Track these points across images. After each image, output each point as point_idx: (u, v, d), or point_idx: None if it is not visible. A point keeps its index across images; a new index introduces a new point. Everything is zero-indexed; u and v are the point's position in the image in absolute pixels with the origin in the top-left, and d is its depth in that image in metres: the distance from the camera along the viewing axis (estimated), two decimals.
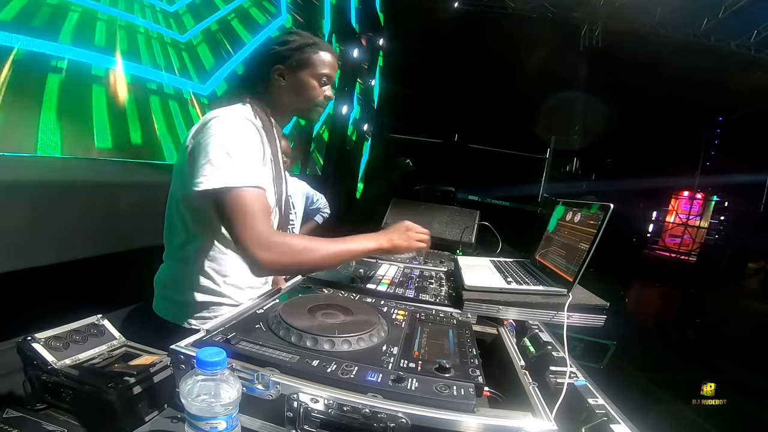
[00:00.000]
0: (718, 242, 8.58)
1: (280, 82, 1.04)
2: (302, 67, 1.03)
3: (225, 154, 0.87)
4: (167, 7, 2.04)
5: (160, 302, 1.05)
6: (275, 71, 1.03)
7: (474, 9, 6.74)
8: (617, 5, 6.36)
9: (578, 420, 0.65)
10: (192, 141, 0.94)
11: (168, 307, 1.04)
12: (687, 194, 9.93)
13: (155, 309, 1.06)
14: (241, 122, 0.94)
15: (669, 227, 9.99)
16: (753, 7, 5.83)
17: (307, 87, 1.05)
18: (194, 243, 1.01)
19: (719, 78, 6.76)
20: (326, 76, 1.06)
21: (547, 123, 6.52)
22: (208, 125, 0.91)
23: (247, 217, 0.84)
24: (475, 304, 0.93)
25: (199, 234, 1.00)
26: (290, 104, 1.07)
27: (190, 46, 2.22)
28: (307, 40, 1.04)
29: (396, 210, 2.03)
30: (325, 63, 1.05)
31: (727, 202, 9.15)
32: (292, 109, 1.10)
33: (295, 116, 1.15)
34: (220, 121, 0.92)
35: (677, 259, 9.00)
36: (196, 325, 1.00)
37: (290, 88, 1.05)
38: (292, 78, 1.04)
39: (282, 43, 1.03)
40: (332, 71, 1.07)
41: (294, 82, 1.04)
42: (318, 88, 1.06)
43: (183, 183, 0.97)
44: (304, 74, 1.04)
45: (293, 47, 1.03)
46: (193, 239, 1.01)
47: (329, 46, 1.08)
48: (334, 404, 0.54)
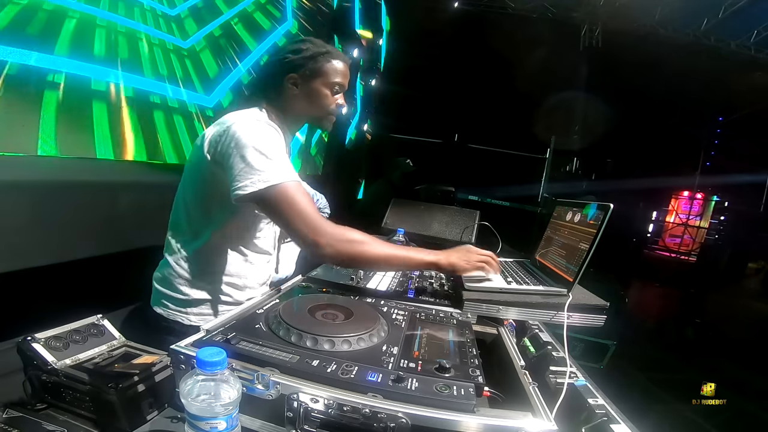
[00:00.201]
0: (718, 242, 8.57)
1: (293, 91, 1.06)
2: (315, 76, 1.05)
3: (261, 155, 0.89)
4: (168, 11, 2.02)
5: (158, 298, 1.06)
6: (288, 80, 1.05)
7: (474, 9, 6.73)
8: (617, 5, 6.35)
9: (578, 420, 0.65)
10: (215, 147, 0.95)
11: (165, 303, 1.05)
12: (687, 194, 9.93)
13: (153, 305, 1.07)
14: (264, 124, 0.97)
15: (669, 227, 9.99)
16: (753, 7, 5.83)
17: (320, 95, 1.06)
18: (198, 241, 1.02)
19: (719, 78, 6.75)
20: (338, 85, 1.07)
21: (547, 123, 6.52)
22: (231, 131, 0.93)
23: (299, 207, 0.88)
24: (475, 304, 0.93)
25: (205, 232, 1.02)
26: (303, 112, 1.09)
27: (193, 53, 2.18)
28: (320, 49, 1.05)
29: (396, 210, 2.03)
30: (337, 72, 1.06)
31: (727, 202, 9.14)
32: (305, 117, 1.11)
33: (306, 124, 1.17)
34: (244, 125, 0.94)
35: (677, 259, 8.99)
36: (195, 322, 1.02)
37: (303, 97, 1.06)
38: (305, 87, 1.06)
39: (295, 52, 1.05)
40: (344, 80, 1.09)
41: (307, 90, 1.06)
42: (330, 96, 1.07)
43: (196, 183, 1.01)
44: (317, 83, 1.05)
45: (306, 56, 1.04)
46: (197, 237, 1.02)
47: (342, 55, 1.09)
48: (334, 404, 0.54)
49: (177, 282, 1.03)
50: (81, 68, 1.55)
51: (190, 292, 1.03)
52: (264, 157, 0.89)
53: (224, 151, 0.92)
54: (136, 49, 1.81)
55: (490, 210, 3.82)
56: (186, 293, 1.03)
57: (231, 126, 0.94)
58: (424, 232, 1.92)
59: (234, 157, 0.90)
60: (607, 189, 6.41)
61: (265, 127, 0.96)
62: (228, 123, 0.95)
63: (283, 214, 0.89)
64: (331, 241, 0.88)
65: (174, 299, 1.03)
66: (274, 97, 1.07)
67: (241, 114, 0.99)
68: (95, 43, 1.60)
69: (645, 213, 9.14)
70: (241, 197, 0.89)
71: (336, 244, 0.89)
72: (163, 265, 1.07)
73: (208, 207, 1.01)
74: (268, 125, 0.97)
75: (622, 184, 6.65)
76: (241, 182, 0.88)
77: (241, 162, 0.89)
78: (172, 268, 1.04)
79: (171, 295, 1.04)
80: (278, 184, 0.88)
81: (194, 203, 1.03)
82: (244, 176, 0.88)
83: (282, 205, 0.89)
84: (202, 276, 1.03)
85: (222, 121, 0.98)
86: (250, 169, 0.88)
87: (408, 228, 1.81)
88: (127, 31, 1.76)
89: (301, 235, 0.89)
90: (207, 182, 0.99)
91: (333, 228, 0.90)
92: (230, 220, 1.02)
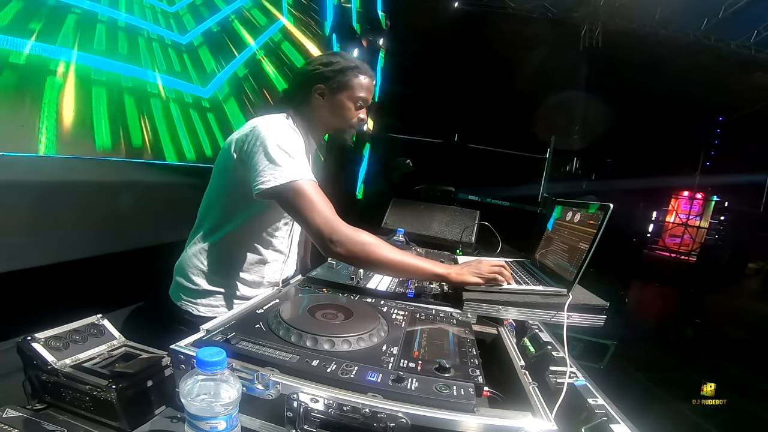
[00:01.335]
0: (718, 242, 8.57)
1: (319, 101, 1.10)
2: (342, 89, 1.08)
3: (284, 153, 0.94)
4: (168, 8, 2.04)
5: (176, 289, 1.11)
6: (316, 90, 1.09)
7: (474, 9, 6.73)
8: (617, 5, 6.35)
9: (578, 420, 0.65)
10: (240, 146, 1.00)
11: (180, 294, 1.09)
12: (687, 194, 9.92)
13: (170, 294, 1.12)
14: (288, 127, 1.02)
15: (669, 227, 9.98)
16: (753, 7, 5.82)
17: (344, 108, 1.10)
18: (217, 236, 1.07)
19: (719, 78, 6.75)
20: (362, 100, 1.11)
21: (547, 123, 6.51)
22: (257, 131, 0.98)
23: (318, 205, 0.93)
24: (475, 304, 0.93)
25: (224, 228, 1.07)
26: (326, 123, 1.13)
27: (191, 48, 2.21)
28: (350, 63, 1.09)
29: (396, 210, 2.03)
30: (363, 87, 1.10)
31: (727, 202, 9.13)
32: (327, 128, 1.15)
33: (327, 135, 1.21)
34: (270, 127, 0.99)
35: (677, 259, 8.98)
36: (204, 313, 1.07)
37: (328, 108, 1.10)
38: (331, 99, 1.09)
39: (326, 64, 1.08)
40: (369, 95, 1.12)
41: (332, 102, 1.10)
42: (353, 110, 1.11)
43: (221, 181, 1.07)
44: (342, 96, 1.09)
45: (336, 69, 1.08)
46: (217, 232, 1.07)
47: (369, 70, 1.12)
48: (334, 404, 0.54)
49: (191, 272, 1.08)
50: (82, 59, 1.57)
51: (201, 282, 1.07)
52: (287, 155, 0.94)
53: (249, 150, 0.97)
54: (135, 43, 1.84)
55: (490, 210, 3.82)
56: (198, 284, 1.07)
57: (257, 127, 0.99)
58: (424, 232, 1.92)
59: (258, 154, 0.95)
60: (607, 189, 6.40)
61: (289, 129, 1.01)
62: (254, 125, 1.00)
63: (302, 210, 0.93)
64: (345, 240, 0.92)
65: (186, 289, 1.08)
66: (301, 106, 1.11)
67: (268, 117, 1.04)
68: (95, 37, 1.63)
69: (645, 213, 9.14)
70: (262, 191, 0.93)
71: (349, 245, 0.92)
72: (182, 256, 1.13)
73: (230, 204, 1.06)
74: (291, 128, 1.02)
75: (622, 184, 6.64)
76: (264, 177, 0.93)
77: (264, 159, 0.94)
78: (189, 259, 1.09)
79: (184, 284, 1.08)
80: (299, 180, 0.93)
81: (218, 201, 1.08)
82: (266, 172, 0.93)
83: (302, 201, 0.93)
84: (216, 269, 1.07)
85: (249, 124, 1.03)
86: (273, 165, 0.93)
87: (408, 228, 1.81)
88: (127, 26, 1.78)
89: (317, 232, 0.92)
90: (232, 180, 1.04)
91: (348, 228, 0.94)
92: (250, 218, 1.06)
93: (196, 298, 1.07)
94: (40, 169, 1.41)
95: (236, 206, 1.05)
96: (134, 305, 1.58)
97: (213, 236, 1.08)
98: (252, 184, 0.95)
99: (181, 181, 1.94)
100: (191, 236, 1.13)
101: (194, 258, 1.08)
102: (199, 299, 1.07)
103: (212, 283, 1.07)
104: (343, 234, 0.92)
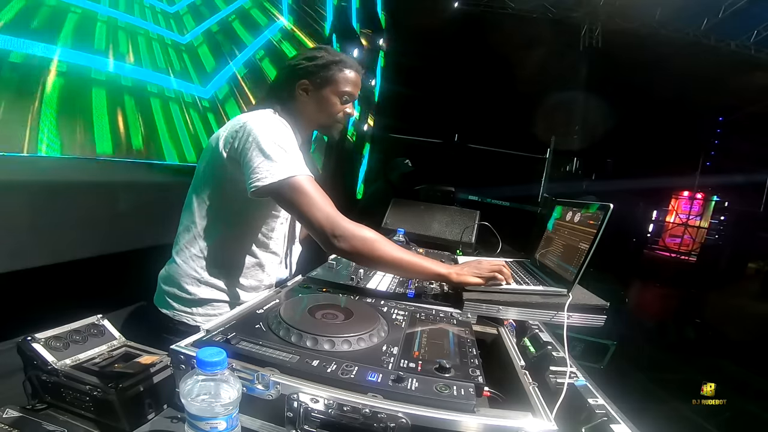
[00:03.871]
0: (718, 242, 8.57)
1: (303, 97, 1.07)
2: (326, 84, 1.06)
3: (279, 148, 0.91)
4: (168, 8, 2.04)
5: (163, 297, 1.06)
6: (300, 86, 1.07)
7: (474, 9, 6.73)
8: (617, 5, 6.35)
9: (578, 420, 0.65)
10: (230, 143, 0.96)
11: (170, 302, 1.05)
12: (687, 194, 9.92)
13: (157, 304, 1.07)
14: (279, 122, 0.99)
15: (669, 227, 9.98)
16: (753, 7, 5.82)
17: (329, 104, 1.08)
18: (208, 240, 1.03)
19: (719, 78, 6.74)
20: (348, 94, 1.09)
21: (547, 123, 6.51)
22: (247, 127, 0.94)
23: (315, 200, 0.90)
24: (475, 304, 0.93)
25: (216, 232, 1.02)
26: (312, 118, 1.10)
27: (191, 48, 2.21)
28: (334, 57, 1.07)
29: (396, 210, 2.03)
30: (348, 81, 1.07)
31: (727, 202, 9.13)
32: (314, 123, 1.12)
33: (315, 130, 1.18)
34: (261, 122, 0.95)
35: (677, 259, 8.98)
36: (200, 322, 1.01)
37: (313, 104, 1.08)
38: (316, 94, 1.07)
39: (310, 59, 1.06)
40: (355, 89, 1.10)
41: (317, 97, 1.07)
42: (338, 105, 1.08)
43: (209, 181, 1.02)
44: (327, 91, 1.07)
45: (319, 64, 1.06)
46: (208, 237, 1.03)
47: (355, 64, 1.10)
48: (334, 404, 0.54)
49: (184, 281, 1.03)
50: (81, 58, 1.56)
51: (197, 291, 1.02)
52: (282, 150, 0.91)
53: (241, 147, 0.94)
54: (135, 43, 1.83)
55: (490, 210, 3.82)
56: (192, 293, 1.02)
57: (246, 123, 0.95)
58: (424, 232, 1.92)
59: (252, 151, 0.92)
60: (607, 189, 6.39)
61: (281, 124, 0.98)
62: (243, 121, 0.97)
63: (302, 206, 0.91)
64: (348, 236, 0.90)
65: (180, 299, 1.03)
66: (287, 102, 1.08)
67: (256, 113, 1.01)
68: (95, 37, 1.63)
69: (645, 213, 9.13)
70: (259, 189, 0.90)
71: (351, 240, 0.90)
72: (170, 264, 1.07)
73: (221, 205, 1.02)
74: (282, 123, 0.99)
75: (622, 184, 6.63)
76: (260, 174, 0.90)
77: (259, 155, 0.91)
78: (180, 267, 1.04)
79: (177, 294, 1.03)
80: (297, 175, 0.90)
81: (207, 202, 1.03)
82: (262, 168, 0.90)
83: (301, 197, 0.90)
84: (210, 276, 1.03)
85: (236, 120, 0.99)
86: (269, 161, 0.90)
87: (408, 228, 1.81)
88: (127, 26, 1.78)
89: (318, 227, 0.90)
90: (221, 180, 1.00)
91: (350, 224, 0.92)
92: (243, 219, 1.02)
93: (191, 307, 1.03)
94: (40, 169, 1.41)
95: (228, 207, 1.01)
96: (134, 305, 1.58)
97: (204, 241, 1.02)
98: (247, 182, 0.92)
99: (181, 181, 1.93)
100: (177, 241, 1.07)
101: (185, 265, 1.03)
102: (194, 308, 1.03)
103: (209, 291, 1.03)
104: (346, 229, 0.90)
